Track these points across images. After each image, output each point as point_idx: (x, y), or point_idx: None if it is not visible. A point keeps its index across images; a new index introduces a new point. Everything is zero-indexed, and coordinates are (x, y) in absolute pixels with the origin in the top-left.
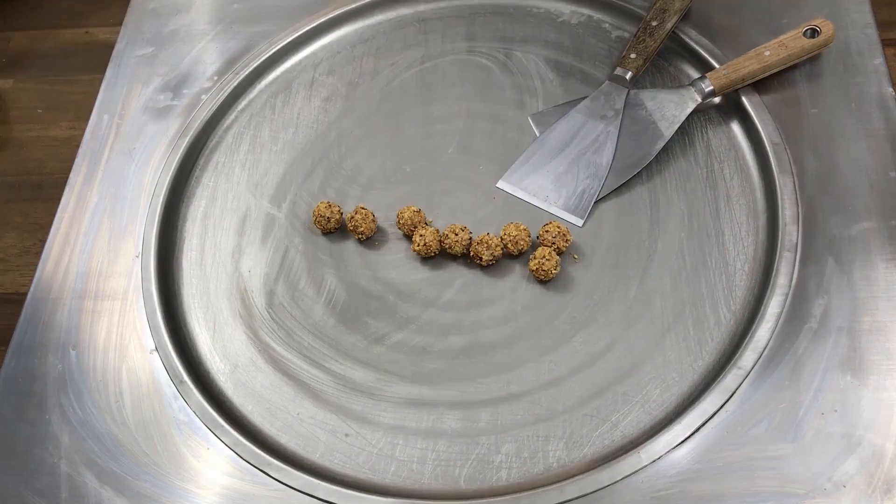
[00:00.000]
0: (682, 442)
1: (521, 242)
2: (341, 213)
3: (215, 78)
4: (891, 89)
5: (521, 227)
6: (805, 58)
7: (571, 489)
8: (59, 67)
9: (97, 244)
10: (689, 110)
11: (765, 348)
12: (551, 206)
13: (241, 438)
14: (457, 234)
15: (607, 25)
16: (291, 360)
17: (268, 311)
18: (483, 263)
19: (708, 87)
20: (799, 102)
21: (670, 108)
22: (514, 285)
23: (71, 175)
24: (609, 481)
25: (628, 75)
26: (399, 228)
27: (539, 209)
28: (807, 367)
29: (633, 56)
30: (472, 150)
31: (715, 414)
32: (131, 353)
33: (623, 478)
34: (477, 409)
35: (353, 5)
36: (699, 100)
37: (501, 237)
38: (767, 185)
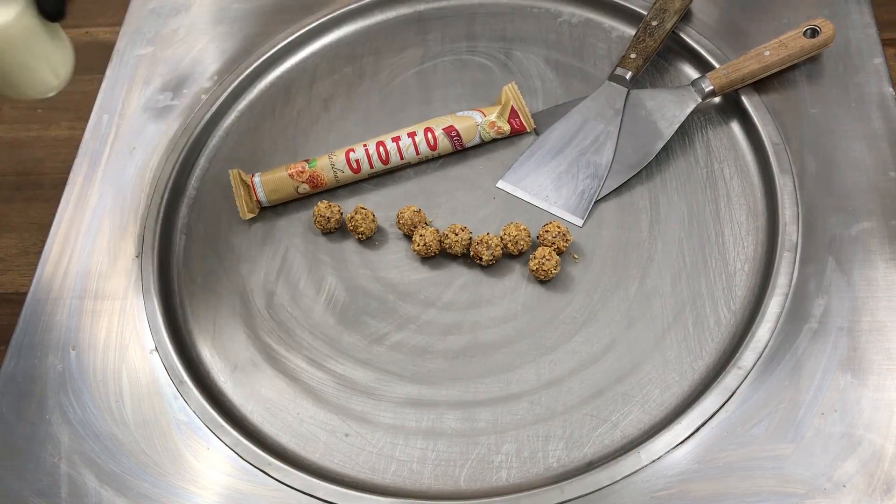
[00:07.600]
0: (682, 442)
1: (521, 242)
2: (341, 213)
3: (215, 78)
4: (891, 89)
5: (521, 227)
6: (805, 58)
7: (571, 489)
8: None
9: (97, 244)
10: (689, 110)
11: (765, 348)
12: (551, 206)
13: (241, 438)
14: (457, 234)
15: (607, 25)
16: (291, 360)
17: (268, 311)
18: (483, 263)
19: (708, 87)
20: (799, 102)
21: (670, 108)
22: (514, 285)
23: (71, 175)
24: (609, 481)
25: (628, 75)
26: (399, 228)
27: (539, 209)
28: (807, 367)
29: (633, 56)
30: (471, 150)
31: (715, 414)
32: (131, 353)
33: (623, 478)
34: (477, 409)
35: (353, 5)
36: (699, 100)
37: (501, 237)
38: (767, 185)
